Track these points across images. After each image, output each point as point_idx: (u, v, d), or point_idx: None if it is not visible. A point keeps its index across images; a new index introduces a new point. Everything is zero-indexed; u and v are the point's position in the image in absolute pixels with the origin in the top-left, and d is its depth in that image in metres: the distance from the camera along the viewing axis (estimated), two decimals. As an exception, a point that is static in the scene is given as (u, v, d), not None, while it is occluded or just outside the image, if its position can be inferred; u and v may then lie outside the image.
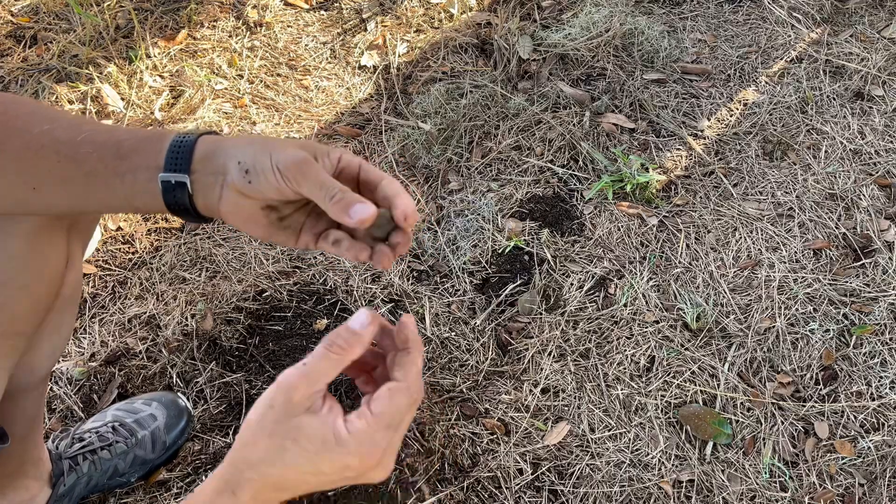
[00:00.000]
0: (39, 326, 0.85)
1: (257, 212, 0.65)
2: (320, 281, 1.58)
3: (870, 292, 1.58)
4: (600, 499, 1.32)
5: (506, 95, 1.93)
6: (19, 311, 0.79)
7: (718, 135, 1.89)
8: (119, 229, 1.67)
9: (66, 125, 0.66)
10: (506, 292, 1.57)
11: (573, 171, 1.79)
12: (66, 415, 1.38)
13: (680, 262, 1.64)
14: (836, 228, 1.69)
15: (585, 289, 1.58)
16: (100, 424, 1.28)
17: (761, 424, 1.41)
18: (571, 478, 1.34)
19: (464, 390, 1.44)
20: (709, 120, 1.93)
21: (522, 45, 2.04)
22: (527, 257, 1.64)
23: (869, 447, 1.38)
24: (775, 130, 1.89)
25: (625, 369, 1.47)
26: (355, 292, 1.56)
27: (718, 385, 1.45)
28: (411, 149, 1.83)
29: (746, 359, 1.49)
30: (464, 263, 1.62)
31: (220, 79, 1.98)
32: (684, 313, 1.54)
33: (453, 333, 1.51)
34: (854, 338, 1.52)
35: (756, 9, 2.21)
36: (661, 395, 1.44)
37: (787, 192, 1.76)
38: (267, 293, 1.56)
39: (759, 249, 1.66)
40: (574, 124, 1.86)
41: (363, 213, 0.60)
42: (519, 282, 1.59)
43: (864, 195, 1.75)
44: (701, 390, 1.45)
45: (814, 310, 1.56)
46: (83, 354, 1.46)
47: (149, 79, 1.94)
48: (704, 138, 1.89)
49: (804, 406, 1.43)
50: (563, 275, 1.61)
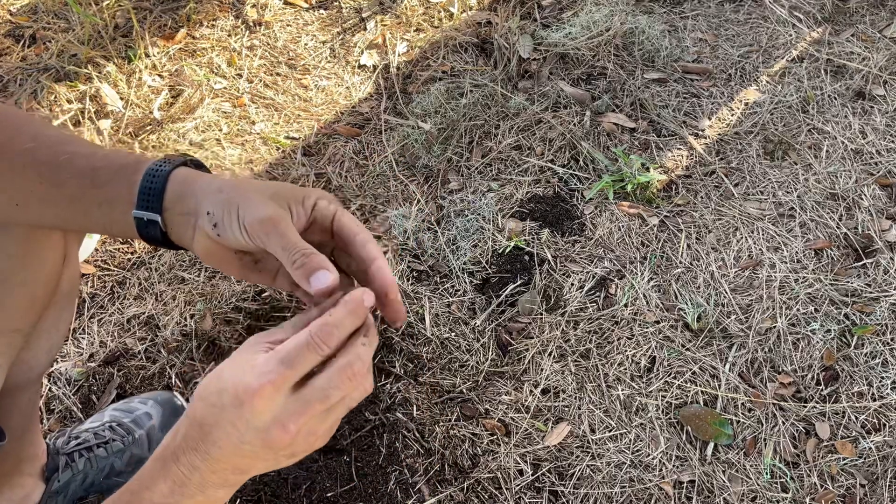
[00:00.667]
0: (37, 323, 0.85)
1: (230, 255, 0.65)
2: (320, 281, 1.57)
3: (871, 292, 1.58)
4: (601, 500, 1.32)
5: (506, 95, 1.92)
6: (17, 307, 0.79)
7: (719, 134, 1.89)
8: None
9: (48, 145, 0.66)
10: (506, 292, 1.57)
11: (574, 170, 1.79)
12: (65, 415, 1.38)
13: (681, 262, 1.63)
14: (838, 228, 1.69)
15: (586, 289, 1.58)
16: (97, 424, 1.27)
17: (762, 425, 1.40)
18: (572, 479, 1.34)
19: (464, 391, 1.43)
20: (710, 119, 1.92)
21: (523, 45, 2.03)
22: (527, 257, 1.63)
23: (870, 448, 1.37)
24: (776, 130, 1.88)
25: (625, 370, 1.47)
26: (355, 292, 1.55)
27: (719, 385, 1.45)
28: (411, 148, 1.82)
29: (747, 359, 1.48)
30: (464, 263, 1.62)
31: (220, 78, 1.98)
32: (685, 313, 1.54)
33: (453, 334, 1.51)
34: (855, 338, 1.51)
35: (757, 8, 2.21)
36: (662, 396, 1.44)
37: (788, 192, 1.76)
38: (266, 293, 1.55)
39: (760, 249, 1.65)
40: (574, 124, 1.86)
41: (324, 281, 0.59)
42: (519, 282, 1.59)
43: (865, 195, 1.74)
44: (702, 391, 1.44)
45: (815, 310, 1.55)
46: (82, 355, 1.46)
47: (148, 78, 1.93)
48: (705, 138, 1.88)
49: (805, 406, 1.42)
50: (564, 275, 1.60)
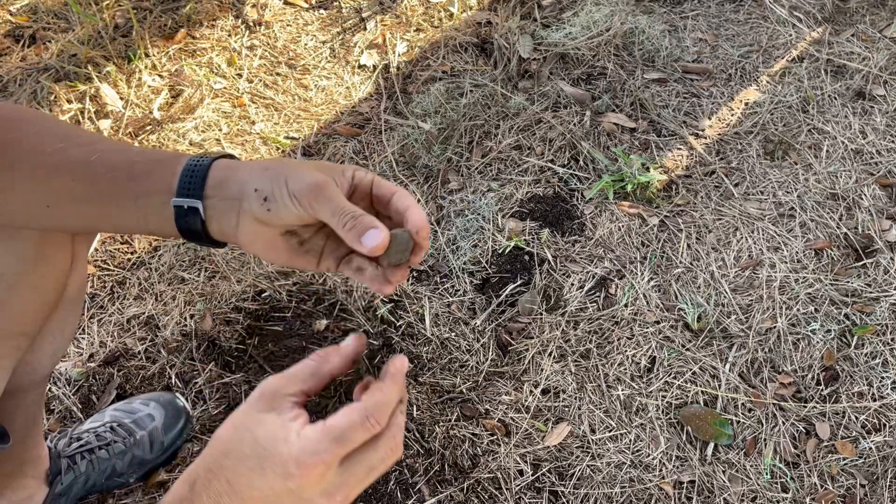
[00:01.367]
0: (43, 326, 0.85)
1: (277, 238, 0.64)
2: (320, 281, 1.57)
3: (871, 292, 1.58)
4: (601, 500, 1.32)
5: (506, 95, 1.92)
6: (25, 311, 0.79)
7: (719, 134, 1.89)
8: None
9: (80, 143, 0.66)
10: (506, 292, 1.57)
11: (574, 170, 1.79)
12: (65, 415, 1.38)
13: (681, 262, 1.63)
14: (838, 228, 1.69)
15: (586, 289, 1.58)
16: (98, 425, 1.27)
17: (762, 425, 1.40)
18: (572, 479, 1.34)
19: (464, 391, 1.43)
20: (710, 119, 1.92)
21: (523, 45, 2.03)
22: (527, 257, 1.63)
23: (870, 448, 1.37)
24: (776, 130, 1.88)
25: (625, 370, 1.47)
26: (355, 292, 1.55)
27: (719, 386, 1.45)
28: (411, 148, 1.82)
29: (747, 359, 1.48)
30: (464, 263, 1.62)
31: (220, 78, 1.97)
32: (685, 313, 1.54)
33: (453, 334, 1.51)
34: (855, 338, 1.51)
35: (757, 8, 2.20)
36: (662, 396, 1.44)
37: (788, 192, 1.76)
38: (266, 293, 1.55)
39: (760, 249, 1.65)
40: (575, 124, 1.86)
41: (375, 239, 0.60)
42: (519, 282, 1.59)
43: (865, 195, 1.74)
44: (702, 391, 1.44)
45: (815, 310, 1.55)
46: (82, 355, 1.46)
47: (147, 78, 1.93)
48: (705, 138, 1.88)
49: (805, 407, 1.42)
50: (564, 275, 1.60)
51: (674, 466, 1.36)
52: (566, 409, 1.42)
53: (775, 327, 1.52)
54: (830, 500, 1.32)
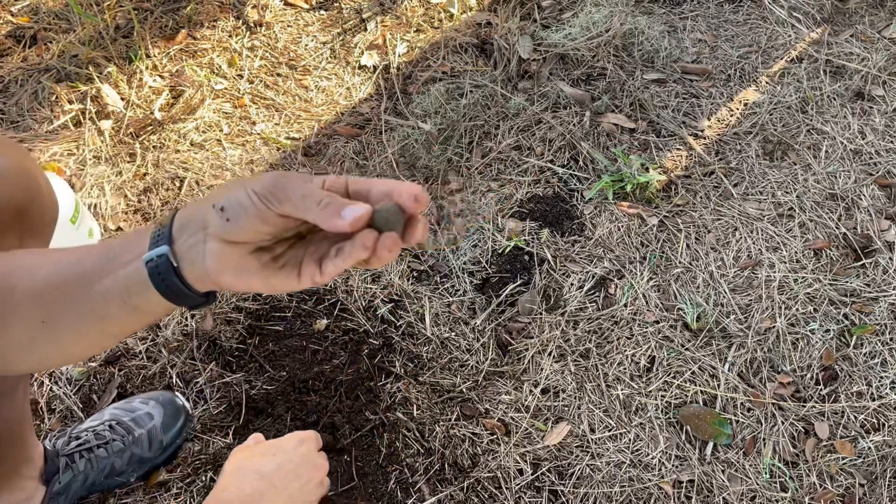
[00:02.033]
0: None
1: (247, 258, 0.58)
2: (320, 281, 1.58)
3: (870, 292, 1.58)
4: (600, 499, 1.32)
5: (506, 95, 1.93)
6: None
7: (719, 135, 1.89)
8: (119, 229, 1.66)
9: (72, 250, 0.65)
10: (506, 292, 1.57)
11: (573, 170, 1.79)
12: (66, 415, 1.38)
13: (680, 262, 1.64)
14: (837, 228, 1.69)
15: (585, 289, 1.58)
16: (97, 424, 1.27)
17: (761, 425, 1.40)
18: (571, 478, 1.34)
19: (464, 390, 1.44)
20: (709, 120, 1.92)
21: (522, 45, 2.04)
22: (527, 257, 1.64)
23: (869, 447, 1.38)
24: (776, 130, 1.89)
25: (625, 369, 1.47)
26: (355, 292, 1.56)
27: (719, 385, 1.45)
28: (411, 149, 1.83)
29: (747, 359, 1.49)
30: (464, 263, 1.62)
31: (220, 79, 1.98)
32: (684, 313, 1.54)
33: (453, 333, 1.51)
34: (854, 338, 1.51)
35: (756, 9, 2.21)
36: (662, 396, 1.44)
37: (787, 192, 1.76)
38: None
39: (759, 249, 1.66)
40: (574, 124, 1.86)
41: (357, 211, 0.54)
42: (519, 282, 1.59)
43: (864, 195, 1.75)
44: (701, 390, 1.44)
45: (814, 310, 1.56)
46: (83, 354, 1.46)
47: (148, 79, 1.94)
48: (705, 138, 1.88)
49: (804, 406, 1.43)
50: (564, 275, 1.61)
51: (673, 466, 1.36)
52: (566, 408, 1.43)
53: (774, 327, 1.53)
54: (829, 499, 1.32)
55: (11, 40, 2.02)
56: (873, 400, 1.44)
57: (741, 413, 1.42)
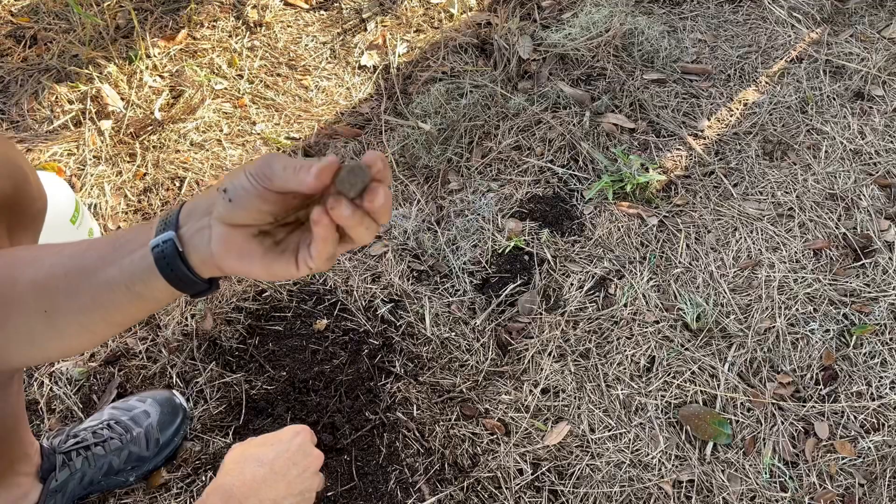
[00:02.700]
0: None
1: (250, 241, 0.61)
2: (320, 281, 1.58)
3: (870, 292, 1.58)
4: (600, 499, 1.32)
5: (506, 95, 1.93)
6: None
7: (718, 135, 1.89)
8: (119, 229, 1.67)
9: (75, 243, 0.66)
10: (506, 292, 1.57)
11: (573, 171, 1.79)
12: (66, 415, 1.38)
13: (680, 262, 1.64)
14: (837, 228, 1.69)
15: (585, 289, 1.58)
16: (95, 423, 1.28)
17: (761, 424, 1.40)
18: (571, 478, 1.34)
19: (464, 390, 1.44)
20: (709, 120, 1.92)
21: (522, 45, 2.04)
22: (527, 257, 1.64)
23: (869, 447, 1.38)
24: (775, 130, 1.89)
25: (625, 369, 1.47)
26: (355, 292, 1.56)
27: (718, 385, 1.45)
28: (411, 149, 1.83)
29: (746, 359, 1.49)
30: (464, 263, 1.62)
31: (220, 79, 1.98)
32: (684, 313, 1.54)
33: (453, 333, 1.51)
34: (854, 338, 1.51)
35: (756, 9, 2.21)
36: (662, 396, 1.44)
37: (787, 192, 1.76)
38: (267, 293, 1.55)
39: (759, 249, 1.66)
40: (574, 124, 1.86)
41: (323, 163, 0.56)
42: (519, 282, 1.59)
43: (864, 195, 1.75)
44: (701, 390, 1.45)
45: (814, 310, 1.56)
46: (83, 354, 1.46)
47: (149, 79, 1.94)
48: (704, 138, 1.88)
49: (804, 406, 1.43)
50: (563, 275, 1.61)
51: (673, 466, 1.36)
52: (566, 408, 1.43)
53: (774, 327, 1.53)
54: (829, 499, 1.32)
55: (11, 40, 2.02)
56: (873, 400, 1.44)
57: (741, 413, 1.42)
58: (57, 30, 2.04)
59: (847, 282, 1.60)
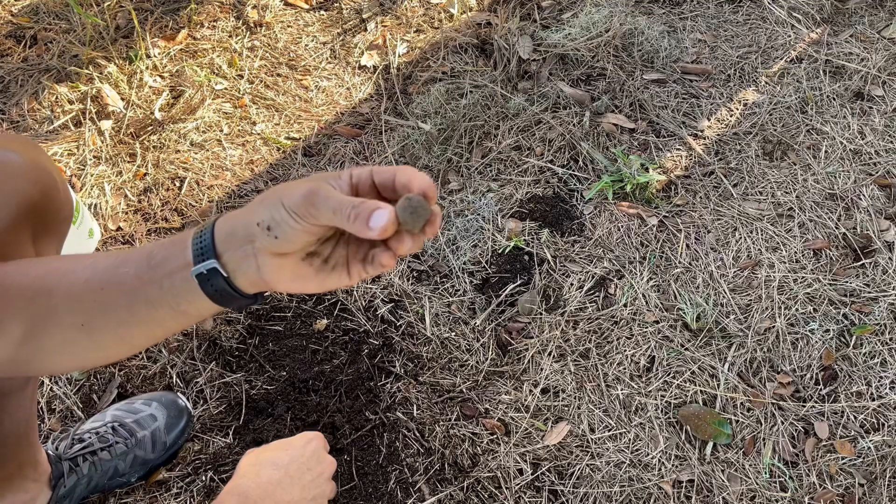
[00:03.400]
0: None
1: (300, 265, 0.63)
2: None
3: (870, 292, 1.58)
4: (600, 499, 1.32)
5: (506, 95, 1.93)
6: None
7: (718, 135, 1.89)
8: (119, 229, 1.67)
9: (106, 256, 0.68)
10: (506, 292, 1.57)
11: (573, 171, 1.79)
12: (66, 415, 1.38)
13: (680, 263, 1.64)
14: (836, 228, 1.69)
15: (585, 289, 1.58)
16: (99, 425, 1.28)
17: (761, 424, 1.41)
18: (571, 478, 1.34)
19: (464, 390, 1.44)
20: (709, 120, 1.93)
21: (522, 45, 2.04)
22: (527, 257, 1.64)
23: (869, 447, 1.38)
24: (775, 130, 1.89)
25: (625, 369, 1.47)
26: (355, 292, 1.56)
27: (718, 385, 1.45)
28: (411, 149, 1.83)
29: (746, 359, 1.49)
30: (464, 263, 1.62)
31: (220, 79, 1.98)
32: (684, 313, 1.54)
33: (453, 333, 1.51)
34: (854, 338, 1.52)
35: (756, 9, 2.21)
36: (661, 396, 1.44)
37: (786, 192, 1.76)
38: (266, 293, 1.55)
39: (759, 249, 1.66)
40: (574, 124, 1.86)
41: (381, 219, 0.59)
42: (519, 282, 1.59)
43: (864, 195, 1.75)
44: (701, 390, 1.45)
45: (814, 310, 1.56)
46: (83, 354, 1.46)
47: (149, 79, 1.94)
48: (704, 138, 1.89)
49: (804, 406, 1.43)
50: (563, 275, 1.61)
51: (673, 466, 1.36)
52: (566, 408, 1.43)
53: (774, 327, 1.53)
54: (829, 499, 1.32)
55: (11, 40, 2.02)
56: (873, 400, 1.44)
57: (741, 413, 1.42)
58: (57, 30, 2.04)
59: (847, 282, 1.60)
